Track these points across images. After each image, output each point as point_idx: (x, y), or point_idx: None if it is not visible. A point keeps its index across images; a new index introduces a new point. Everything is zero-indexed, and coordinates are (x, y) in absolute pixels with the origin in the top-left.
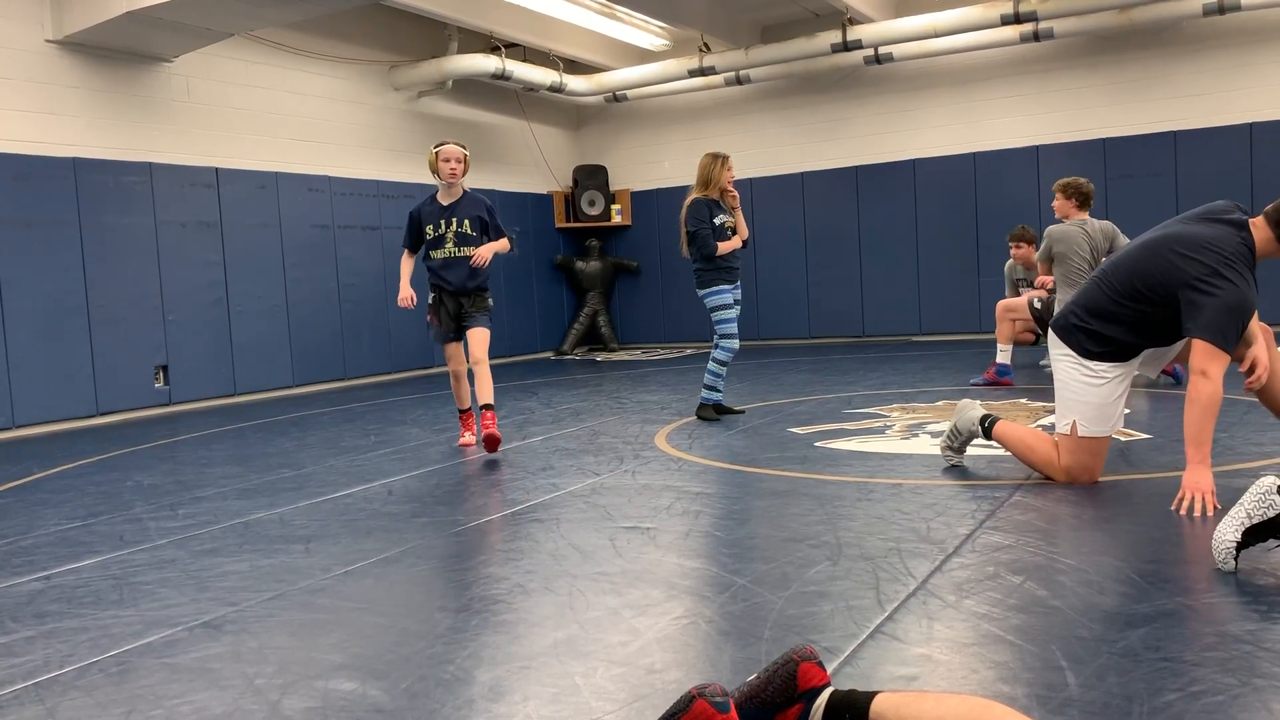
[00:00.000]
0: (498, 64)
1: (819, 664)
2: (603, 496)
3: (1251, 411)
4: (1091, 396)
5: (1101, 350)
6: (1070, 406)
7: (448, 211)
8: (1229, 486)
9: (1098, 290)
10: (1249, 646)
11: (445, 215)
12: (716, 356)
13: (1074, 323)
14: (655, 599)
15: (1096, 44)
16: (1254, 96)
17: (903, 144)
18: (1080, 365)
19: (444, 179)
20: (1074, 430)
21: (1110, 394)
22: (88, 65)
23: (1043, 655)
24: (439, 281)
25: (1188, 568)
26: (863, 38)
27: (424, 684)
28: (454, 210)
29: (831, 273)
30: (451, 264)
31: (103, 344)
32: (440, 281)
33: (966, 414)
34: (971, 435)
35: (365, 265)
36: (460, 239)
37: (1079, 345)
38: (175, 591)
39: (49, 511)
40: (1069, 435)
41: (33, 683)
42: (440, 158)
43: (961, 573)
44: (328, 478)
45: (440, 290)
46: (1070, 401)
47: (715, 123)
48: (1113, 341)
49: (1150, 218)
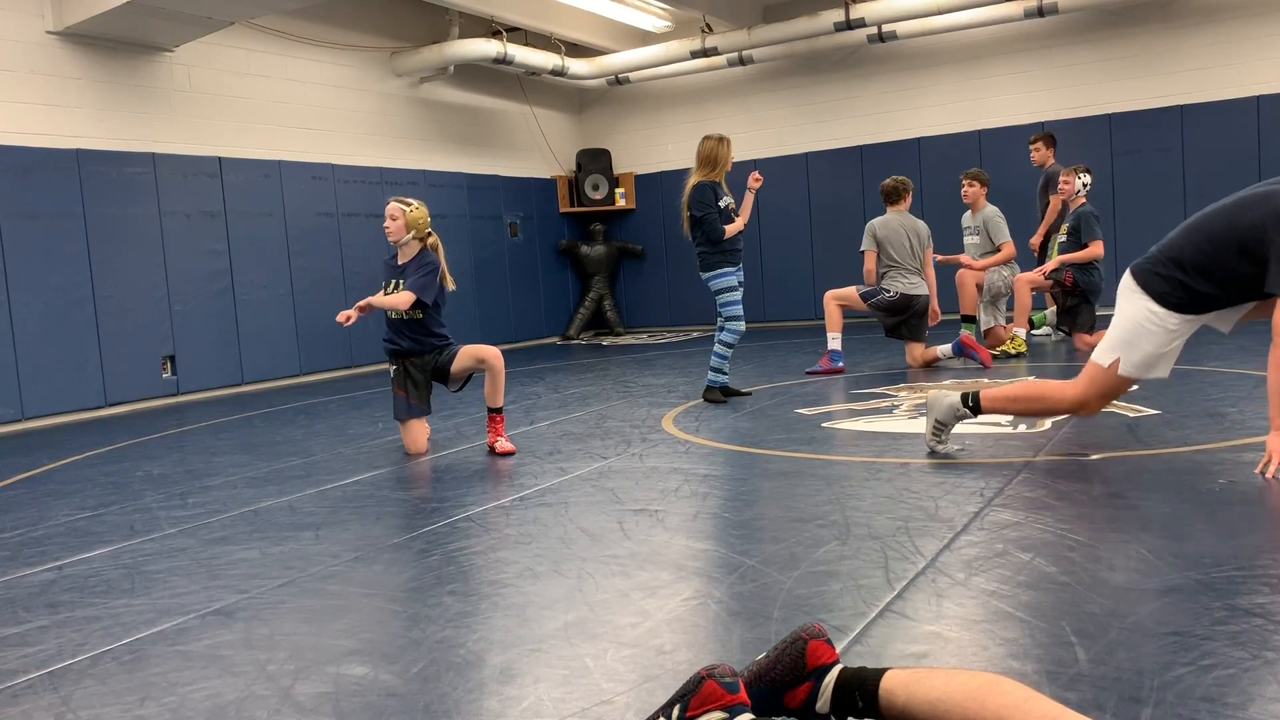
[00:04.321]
0: (499, 48)
1: (827, 642)
2: (610, 480)
3: (1260, 386)
4: (1149, 343)
5: (1177, 299)
6: (1122, 344)
7: (398, 272)
8: (1239, 460)
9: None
10: (1260, 620)
11: (396, 275)
12: (723, 339)
13: (1156, 270)
14: (664, 580)
15: (1101, 19)
16: (1260, 69)
17: (907, 123)
18: (1150, 309)
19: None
20: (1114, 366)
21: (1166, 343)
22: (89, 56)
23: (1052, 631)
24: (395, 346)
25: (1197, 543)
26: (865, 16)
27: (435, 668)
28: (403, 272)
29: (837, 253)
30: (404, 326)
31: (109, 335)
32: (395, 346)
33: (943, 403)
34: (958, 418)
35: (370, 252)
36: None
37: (1154, 290)
38: (186, 579)
39: (59, 502)
40: (1105, 368)
41: (46, 671)
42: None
43: (970, 550)
44: (336, 465)
45: (401, 358)
46: (1124, 340)
47: (718, 104)
48: (1191, 292)
49: (1157, 193)
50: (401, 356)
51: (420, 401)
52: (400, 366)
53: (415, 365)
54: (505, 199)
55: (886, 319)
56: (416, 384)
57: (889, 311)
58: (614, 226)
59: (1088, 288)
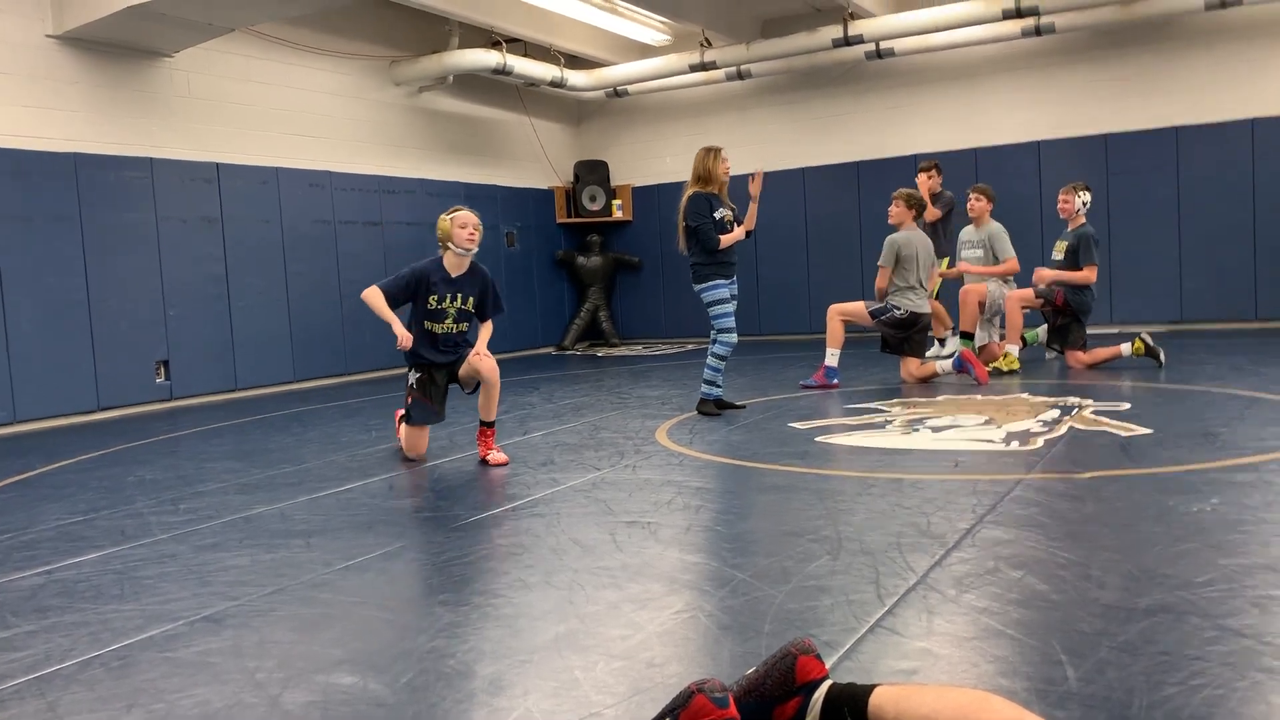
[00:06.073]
0: (499, 59)
1: (817, 657)
2: (603, 491)
3: (1252, 406)
4: None
5: None
6: None
7: (454, 285)
8: (1231, 480)
9: None
10: (1249, 640)
11: (452, 289)
12: (715, 352)
13: None
14: (655, 593)
15: (1098, 39)
16: (1256, 92)
17: (904, 139)
18: None
19: (460, 246)
20: None
21: None
22: (88, 60)
23: (1042, 649)
24: (428, 358)
25: (1187, 562)
26: (864, 32)
27: (425, 678)
28: (460, 285)
29: (832, 268)
30: (446, 340)
31: (104, 339)
32: (430, 358)
33: None
34: None
35: (366, 260)
36: (461, 316)
37: None
38: (176, 586)
39: (50, 506)
40: None
41: (34, 676)
42: (457, 224)
43: (961, 567)
44: (328, 472)
45: (428, 368)
46: None
47: (716, 118)
48: None
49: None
50: (430, 367)
51: (441, 408)
52: (426, 375)
53: (440, 373)
54: (503, 209)
55: (891, 335)
56: (441, 391)
57: (897, 328)
58: (611, 238)
59: (1079, 307)
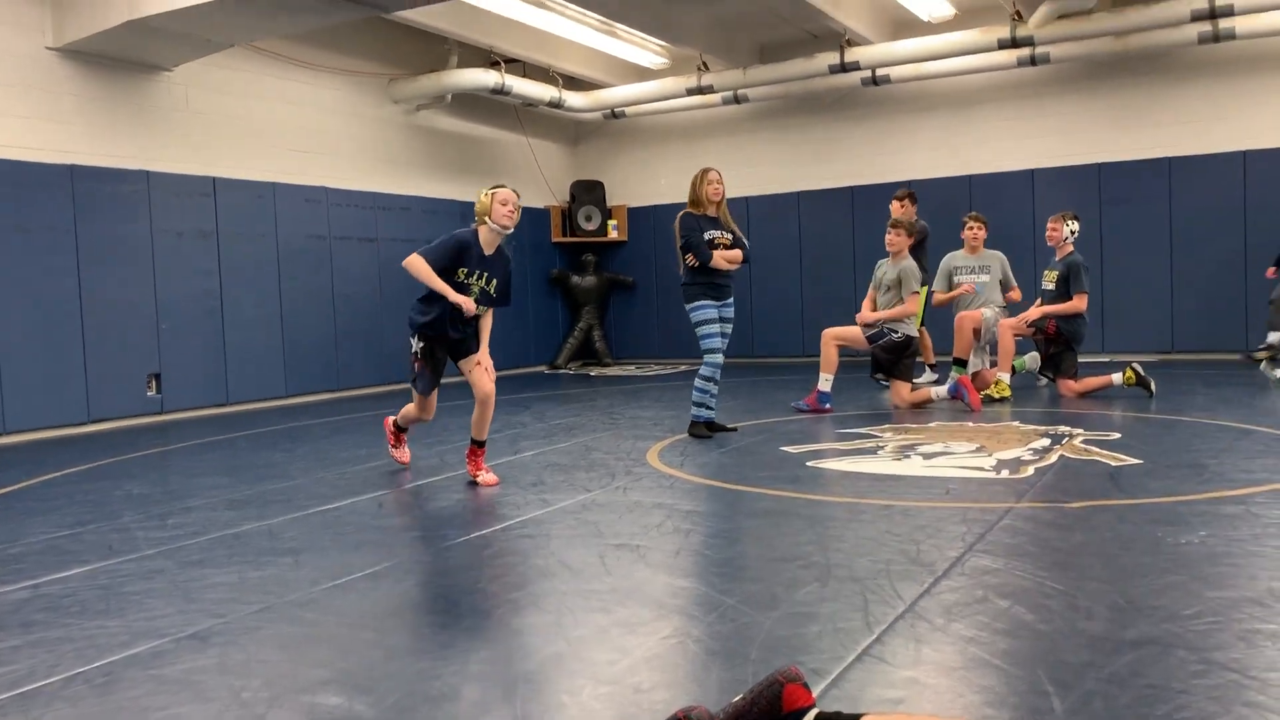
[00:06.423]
0: (497, 79)
1: (804, 685)
2: (593, 513)
3: (1242, 438)
4: None
5: None
6: None
7: (484, 264)
8: (1219, 512)
9: None
10: (1235, 674)
11: (481, 267)
12: (702, 373)
13: None
14: (644, 618)
15: (1092, 69)
16: (1247, 124)
17: (899, 165)
18: None
19: (498, 223)
20: None
21: None
22: (87, 73)
23: (1029, 680)
24: (441, 331)
25: (1175, 594)
26: (860, 59)
27: (411, 699)
28: (489, 265)
29: (826, 292)
30: (465, 321)
31: (95, 351)
32: (443, 330)
33: None
34: None
35: (361, 276)
36: (484, 297)
37: None
38: (162, 602)
39: (37, 519)
40: None
41: (17, 693)
42: (497, 199)
43: (950, 596)
44: (318, 490)
45: (434, 340)
46: None
47: (712, 141)
48: None
49: (1144, 243)
50: (434, 339)
51: (438, 378)
52: (428, 345)
53: (441, 348)
54: None
55: (886, 359)
56: (440, 362)
57: (891, 352)
58: (605, 258)
59: (1071, 335)
